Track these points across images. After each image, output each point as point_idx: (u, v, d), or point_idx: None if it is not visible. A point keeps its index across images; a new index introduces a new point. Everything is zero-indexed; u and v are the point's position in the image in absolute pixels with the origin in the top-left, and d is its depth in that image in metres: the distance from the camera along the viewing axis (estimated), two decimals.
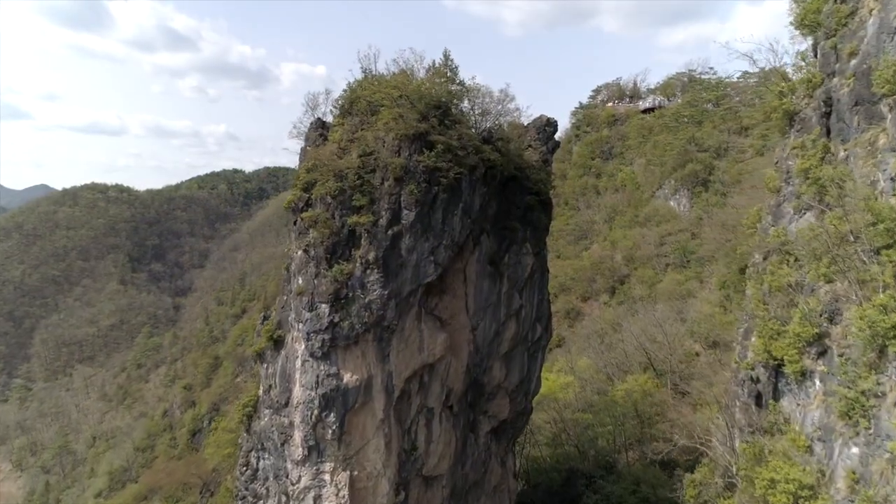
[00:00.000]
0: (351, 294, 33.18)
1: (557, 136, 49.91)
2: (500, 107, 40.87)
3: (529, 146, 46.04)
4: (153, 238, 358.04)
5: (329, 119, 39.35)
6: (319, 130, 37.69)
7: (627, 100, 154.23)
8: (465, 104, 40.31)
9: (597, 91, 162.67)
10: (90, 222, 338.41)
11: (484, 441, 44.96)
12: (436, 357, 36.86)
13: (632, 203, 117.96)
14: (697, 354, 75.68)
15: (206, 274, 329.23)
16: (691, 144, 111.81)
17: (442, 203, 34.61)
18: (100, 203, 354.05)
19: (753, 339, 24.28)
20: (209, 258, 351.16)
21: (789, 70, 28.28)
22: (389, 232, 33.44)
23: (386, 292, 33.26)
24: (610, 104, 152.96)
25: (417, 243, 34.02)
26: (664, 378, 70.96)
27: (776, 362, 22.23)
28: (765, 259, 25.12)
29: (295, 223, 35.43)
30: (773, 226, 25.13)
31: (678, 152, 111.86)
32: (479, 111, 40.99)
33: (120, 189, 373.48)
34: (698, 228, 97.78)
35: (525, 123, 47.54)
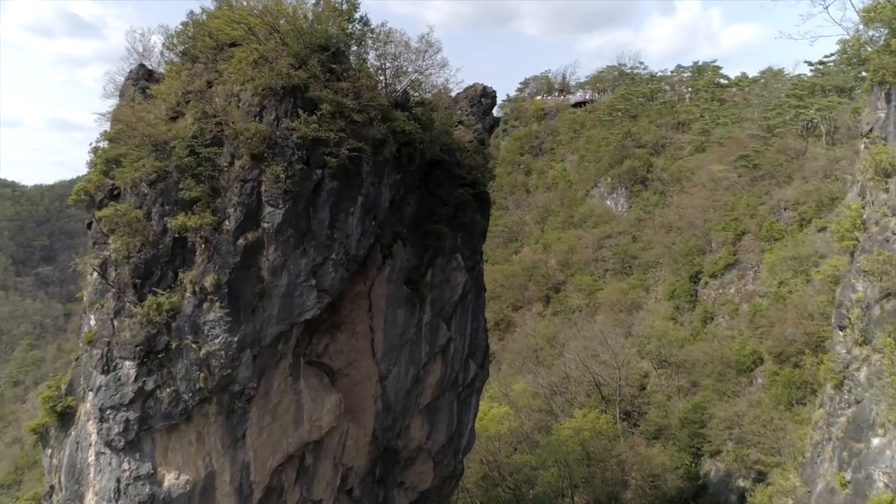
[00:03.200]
0: (175, 344, 20.27)
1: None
2: (420, 62, 28.78)
3: (460, 122, 34.35)
4: (42, 238, 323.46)
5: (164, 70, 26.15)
6: (141, 83, 24.45)
7: (557, 93, 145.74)
8: (371, 57, 28.05)
9: (524, 84, 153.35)
10: None
11: None
12: (323, 430, 24.40)
13: (565, 202, 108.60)
14: (646, 375, 66.53)
15: None
16: (628, 139, 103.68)
17: (330, 195, 22.22)
18: None
19: None
20: None
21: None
22: (241, 241, 20.77)
23: (235, 339, 20.56)
24: (539, 97, 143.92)
25: (289, 259, 21.48)
26: (612, 405, 61.14)
27: None
28: (889, 296, 14.34)
29: (89, 226, 22.12)
30: None
31: (614, 148, 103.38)
32: (392, 70, 28.74)
33: (2, 184, 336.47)
34: (639, 230, 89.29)
35: (454, 94, 35.89)
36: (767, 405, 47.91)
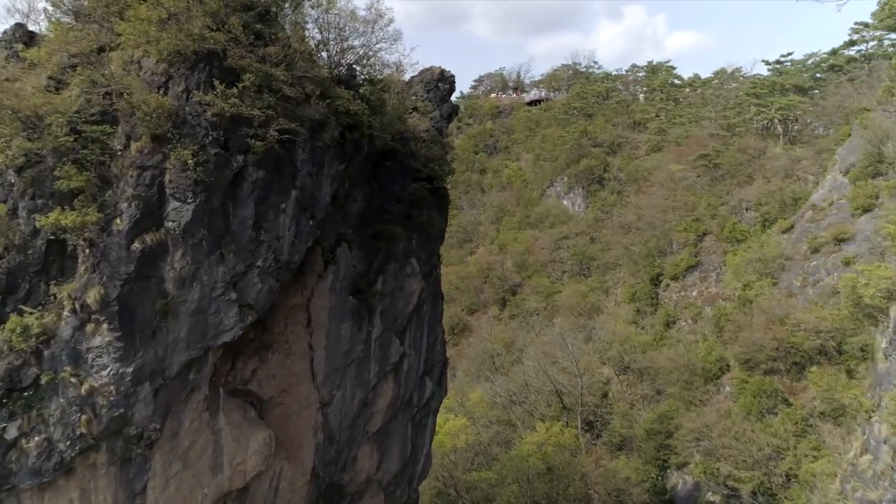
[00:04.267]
0: (48, 378, 15.70)
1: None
2: (370, 34, 24.67)
3: (415, 109, 30.39)
4: None
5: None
6: (17, 46, 19.60)
7: (511, 92, 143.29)
8: (311, 29, 23.81)
9: (479, 81, 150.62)
10: None
11: None
12: (249, 475, 20.05)
13: (520, 202, 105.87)
14: (608, 382, 63.90)
15: None
16: (584, 138, 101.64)
17: (254, 188, 17.94)
18: None
19: None
20: None
21: None
22: (138, 245, 16.31)
23: (129, 369, 16.11)
24: (493, 95, 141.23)
25: (201, 267, 17.11)
26: (574, 415, 58.23)
27: None
28: None
29: None
30: None
31: (570, 147, 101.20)
32: (338, 47, 24.52)
33: None
34: (597, 231, 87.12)
35: (407, 78, 31.97)
36: (737, 415, 45.60)
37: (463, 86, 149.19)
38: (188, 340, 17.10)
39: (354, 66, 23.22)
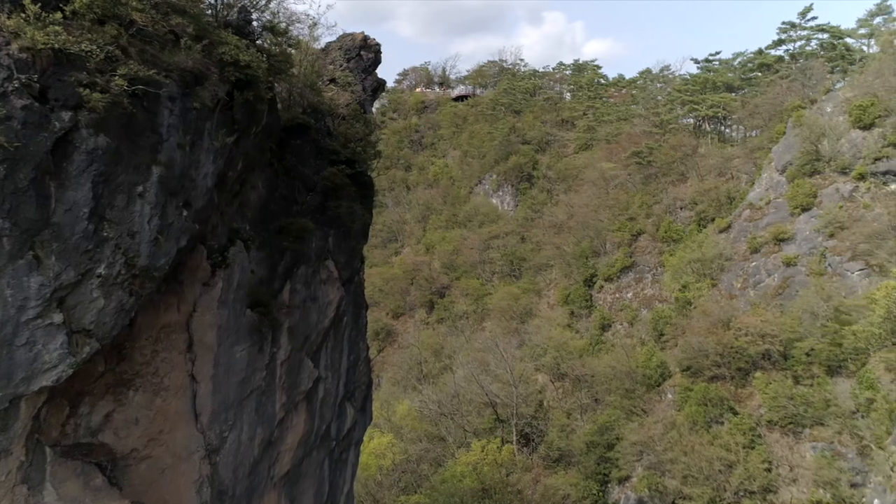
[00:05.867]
0: None
1: None
2: None
3: (332, 80, 25.25)
4: None
5: None
6: None
7: (437, 87, 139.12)
8: None
9: (403, 75, 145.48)
10: None
11: None
12: None
13: (448, 200, 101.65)
14: (542, 390, 60.43)
15: None
16: (513, 135, 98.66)
17: (92, 160, 12.35)
18: None
19: None
20: None
21: None
22: None
23: None
24: (419, 89, 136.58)
25: (2, 278, 11.40)
26: (509, 427, 54.31)
27: None
28: None
29: None
30: None
31: (499, 143, 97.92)
32: None
33: None
34: (527, 230, 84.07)
35: (322, 44, 26.85)
36: (683, 426, 42.87)
37: (387, 80, 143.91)
38: None
39: (249, 9, 17.76)
